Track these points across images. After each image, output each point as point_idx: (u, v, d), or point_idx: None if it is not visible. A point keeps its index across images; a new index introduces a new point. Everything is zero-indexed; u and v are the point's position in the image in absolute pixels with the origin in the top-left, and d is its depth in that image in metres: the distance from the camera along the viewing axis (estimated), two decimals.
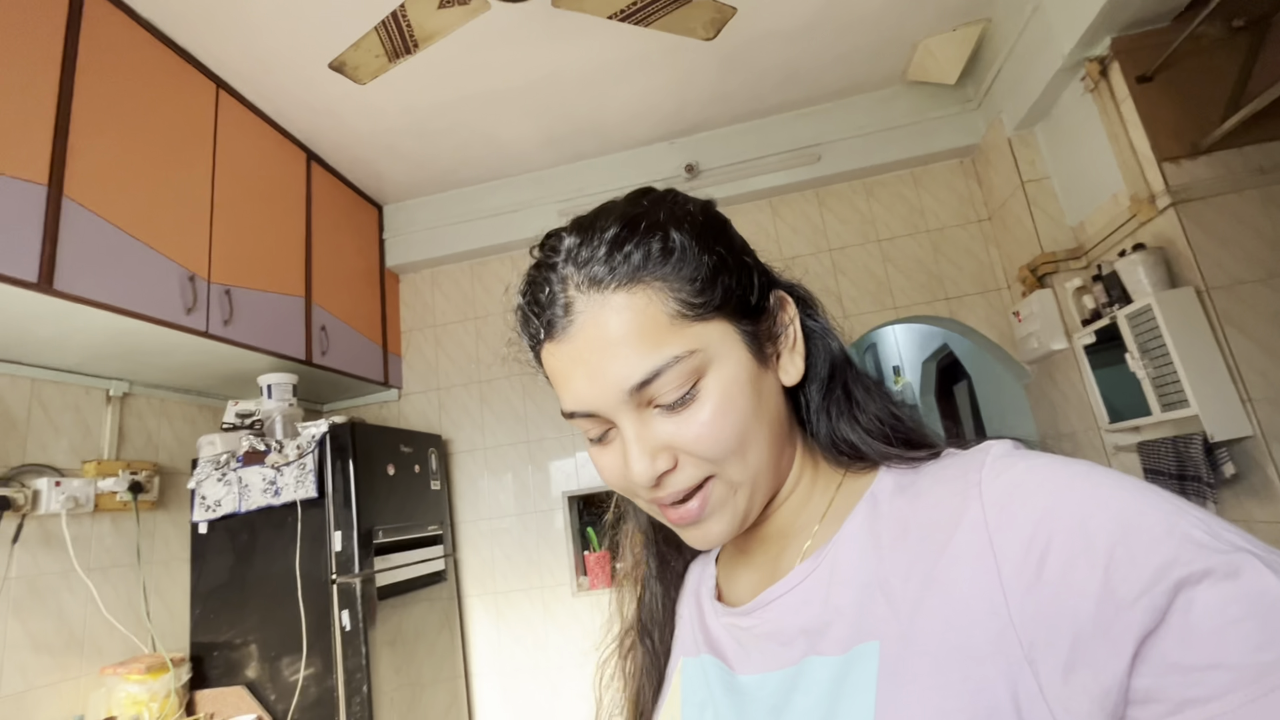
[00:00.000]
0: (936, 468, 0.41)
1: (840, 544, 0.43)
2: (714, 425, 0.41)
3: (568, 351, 0.42)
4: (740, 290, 0.43)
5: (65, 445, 1.80)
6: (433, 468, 2.50)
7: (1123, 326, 1.74)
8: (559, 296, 0.42)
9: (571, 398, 0.43)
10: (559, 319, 0.42)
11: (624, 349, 0.40)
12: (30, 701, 1.60)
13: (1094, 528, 0.31)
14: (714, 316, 0.42)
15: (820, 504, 0.47)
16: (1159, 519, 0.30)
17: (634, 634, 0.59)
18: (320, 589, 1.89)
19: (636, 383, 0.40)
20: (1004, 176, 2.32)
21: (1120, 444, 1.94)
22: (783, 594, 0.44)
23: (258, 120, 2.12)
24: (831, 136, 2.54)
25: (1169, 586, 0.28)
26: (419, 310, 2.88)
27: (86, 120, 1.51)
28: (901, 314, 2.49)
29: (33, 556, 1.66)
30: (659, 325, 0.40)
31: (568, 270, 0.42)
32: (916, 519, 0.39)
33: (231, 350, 1.90)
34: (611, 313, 0.40)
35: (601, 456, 0.45)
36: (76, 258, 1.43)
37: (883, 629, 0.37)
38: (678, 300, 0.41)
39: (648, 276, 0.41)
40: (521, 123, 2.42)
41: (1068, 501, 0.33)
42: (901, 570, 0.38)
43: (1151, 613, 0.28)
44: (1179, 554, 0.29)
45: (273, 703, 1.86)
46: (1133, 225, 1.78)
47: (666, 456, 0.42)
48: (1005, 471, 0.36)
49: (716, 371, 0.41)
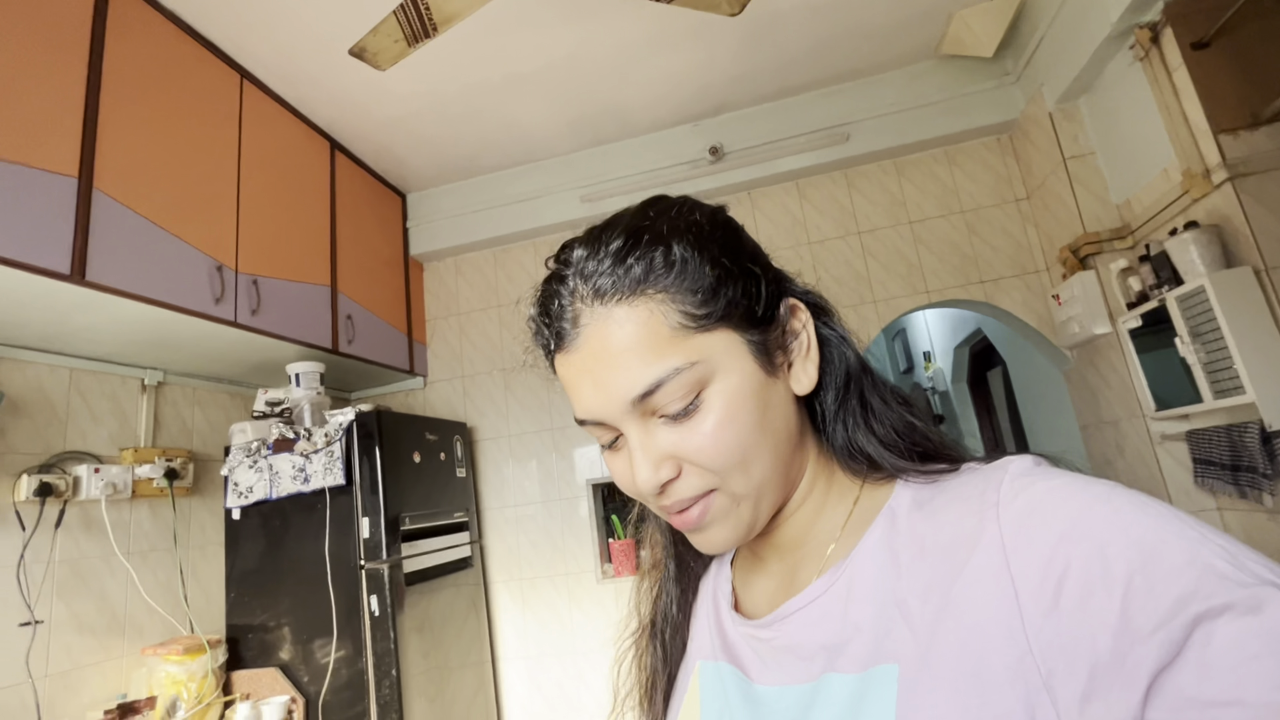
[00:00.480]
0: (955, 484, 0.41)
1: (858, 559, 0.42)
2: (716, 436, 0.41)
3: (575, 362, 0.43)
4: (746, 300, 0.43)
5: (104, 433, 1.85)
6: (458, 455, 2.51)
7: (1173, 309, 1.65)
8: (567, 309, 0.43)
9: (581, 407, 0.44)
10: (567, 331, 0.43)
11: (627, 360, 0.41)
12: (76, 680, 1.66)
13: (1113, 554, 0.30)
14: (718, 327, 0.42)
15: (838, 515, 0.47)
16: (1180, 547, 0.30)
17: (648, 634, 0.59)
18: (349, 574, 1.92)
19: (638, 394, 0.41)
20: (1044, 153, 2.22)
21: (1167, 433, 1.85)
22: (802, 607, 0.44)
23: (281, 110, 2.13)
24: (860, 115, 2.45)
25: (1187, 620, 0.28)
26: (443, 298, 2.89)
27: (114, 113, 1.53)
28: (934, 298, 2.41)
29: (75, 541, 1.71)
30: (661, 337, 0.41)
31: (575, 283, 0.43)
32: (934, 537, 0.39)
33: (260, 339, 1.92)
34: (615, 325, 0.41)
35: (613, 462, 0.46)
36: (107, 249, 1.45)
37: (901, 651, 0.37)
38: (680, 312, 0.41)
39: (650, 289, 0.41)
40: (543, 107, 2.39)
41: (1087, 525, 0.32)
42: (919, 590, 0.38)
43: (1167, 646, 0.28)
44: (1199, 586, 0.28)
45: (305, 684, 1.90)
46: (1184, 202, 1.69)
47: (670, 465, 0.42)
48: (1023, 491, 0.36)
49: (720, 382, 0.42)
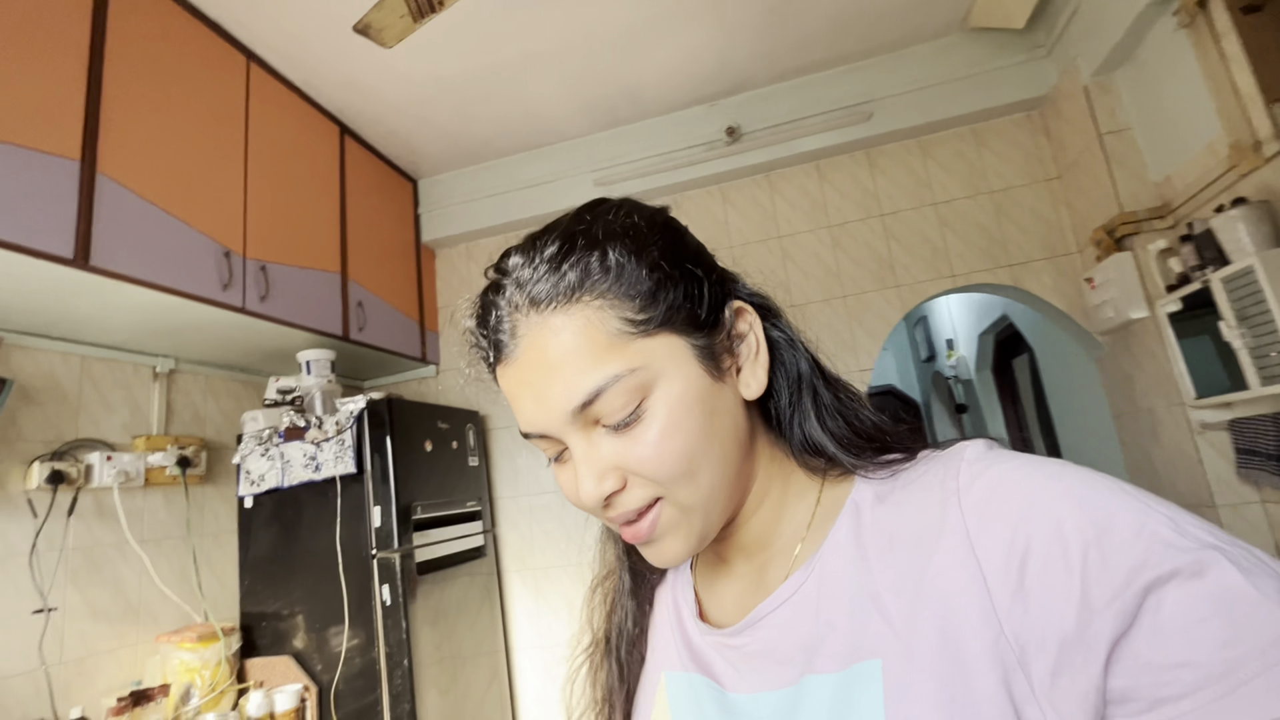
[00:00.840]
0: (913, 474, 0.41)
1: (826, 556, 0.42)
2: (660, 446, 0.40)
3: (514, 374, 0.42)
4: (688, 304, 0.42)
5: (116, 421, 1.84)
6: (470, 444, 2.48)
7: (1217, 291, 1.56)
8: (504, 320, 0.42)
9: (523, 419, 0.43)
10: (505, 342, 0.42)
11: (564, 370, 0.40)
12: (91, 666, 1.66)
13: (1068, 531, 0.32)
14: (660, 332, 0.41)
15: (801, 514, 0.46)
16: (1129, 519, 0.31)
17: (602, 650, 0.57)
18: (361, 564, 1.90)
19: (578, 404, 0.40)
20: (1078, 129, 2.11)
21: (1207, 421, 1.76)
22: (773, 609, 0.44)
23: (289, 93, 2.09)
24: (884, 92, 2.36)
25: (1139, 589, 0.29)
26: (455, 285, 2.85)
27: (117, 95, 1.50)
28: (960, 282, 2.33)
29: (88, 528, 1.71)
30: (598, 344, 0.39)
31: (511, 291, 0.42)
32: (900, 529, 0.39)
33: (270, 326, 1.90)
34: (550, 334, 0.40)
35: (560, 475, 0.45)
36: (112, 234, 1.43)
37: (882, 646, 0.37)
38: (619, 318, 0.40)
39: (586, 295, 0.40)
40: (555, 89, 2.33)
41: (1043, 505, 0.33)
42: (892, 583, 0.38)
43: (1122, 617, 0.29)
44: (1148, 556, 0.30)
45: (318, 673, 1.89)
46: (1232, 177, 1.59)
47: (615, 477, 0.41)
48: (980, 476, 0.36)
49: (663, 389, 0.40)
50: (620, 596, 0.57)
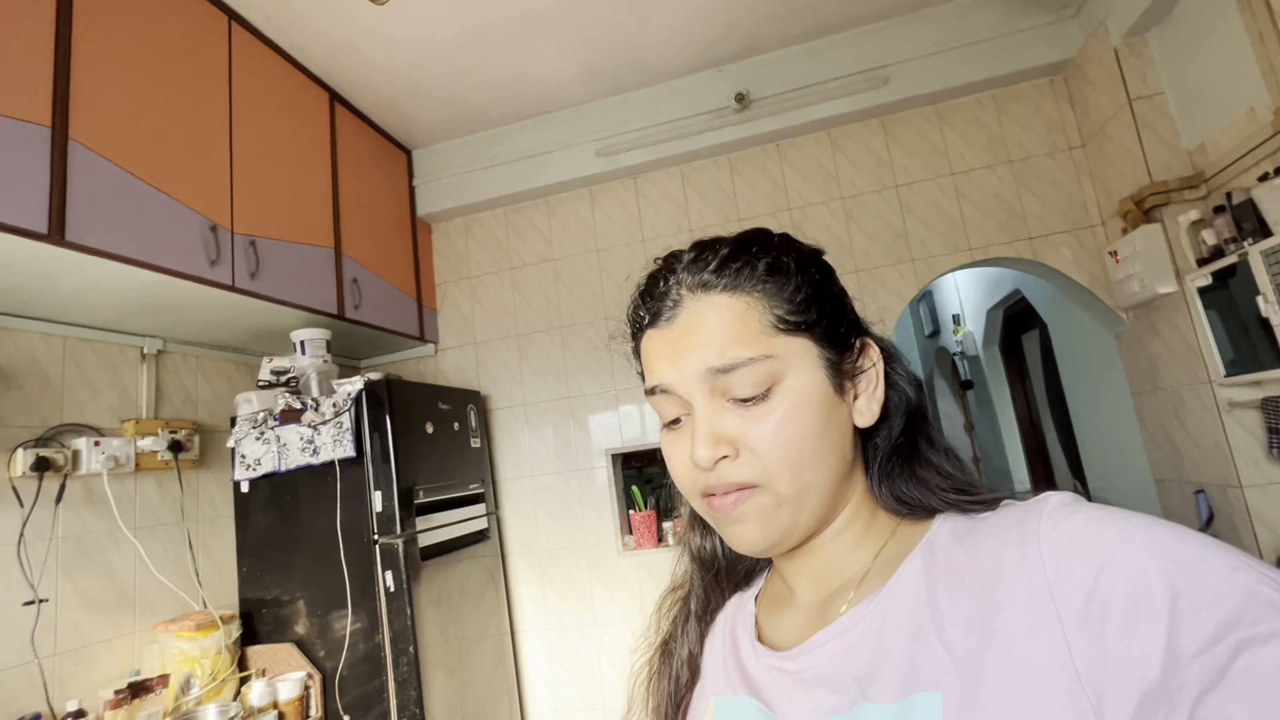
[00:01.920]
0: (994, 518, 0.42)
1: (894, 589, 0.43)
2: (778, 430, 0.43)
3: (665, 336, 0.47)
4: (831, 320, 0.47)
5: (103, 405, 1.77)
6: (472, 425, 2.42)
7: (1256, 264, 1.49)
8: (671, 292, 0.47)
9: (656, 374, 0.47)
10: (665, 310, 0.47)
11: (714, 338, 0.44)
12: (87, 657, 1.61)
13: (1155, 579, 0.31)
14: (801, 334, 0.45)
15: (872, 549, 0.47)
16: (1223, 573, 0.30)
17: (660, 658, 0.59)
18: (363, 549, 1.85)
19: (715, 365, 0.44)
20: (1106, 95, 2.02)
21: (1236, 400, 1.71)
22: (834, 638, 0.44)
23: (275, 56, 1.97)
24: (900, 56, 2.25)
25: (1231, 646, 0.28)
26: (453, 261, 2.76)
27: (88, 54, 1.39)
28: (977, 256, 2.25)
29: (78, 516, 1.65)
30: (750, 329, 0.44)
31: (683, 275, 0.47)
32: (974, 567, 0.39)
33: (261, 305, 1.82)
34: (712, 308, 0.45)
35: (672, 444, 0.48)
36: (88, 206, 1.33)
37: (943, 679, 0.36)
38: (772, 314, 0.45)
39: (749, 286, 0.45)
40: (555, 53, 2.21)
41: (1129, 551, 0.32)
42: (960, 620, 0.38)
43: (1210, 671, 0.28)
44: (1244, 612, 0.29)
45: (321, 660, 1.85)
46: (1275, 143, 1.51)
47: (728, 447, 0.44)
48: (1064, 521, 0.36)
49: (792, 381, 0.44)
50: (687, 612, 0.59)
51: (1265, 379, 1.59)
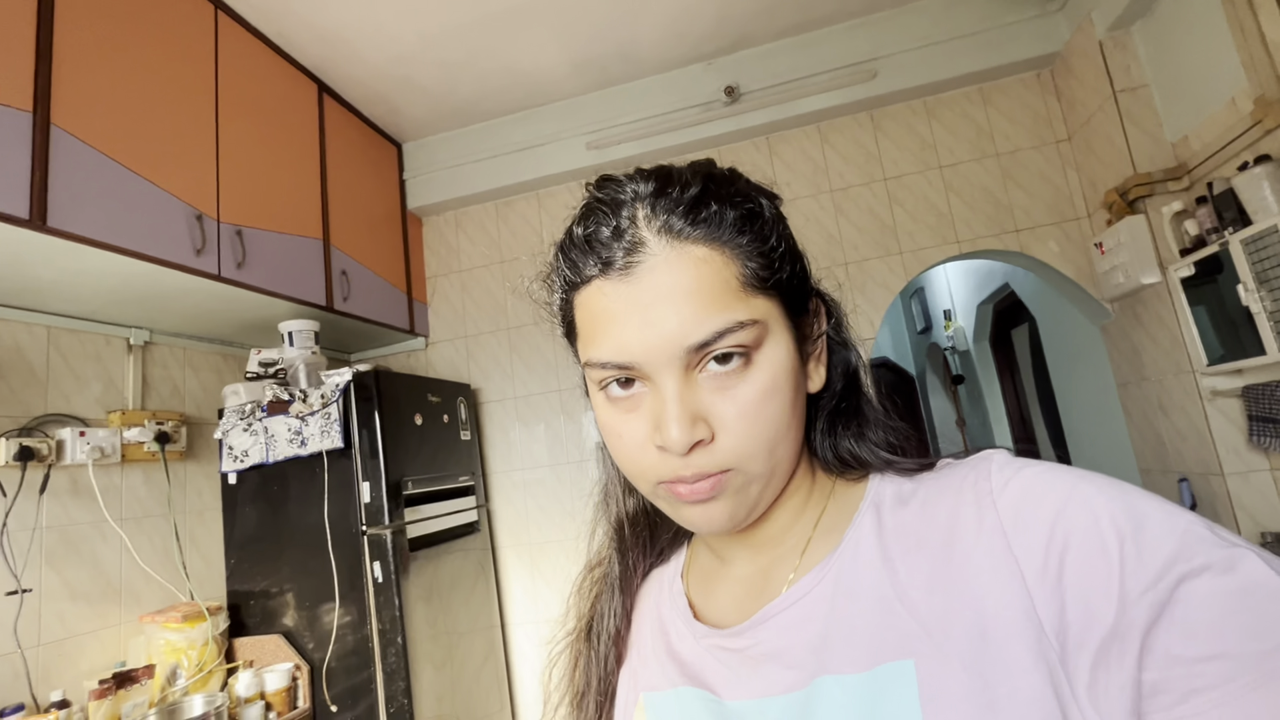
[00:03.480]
0: (936, 478, 0.41)
1: (844, 556, 0.41)
2: (758, 407, 0.39)
3: (625, 293, 0.38)
4: (794, 281, 0.42)
5: (88, 396, 1.75)
6: (462, 417, 2.42)
7: (1237, 253, 1.50)
8: (627, 234, 0.39)
9: (614, 345, 0.39)
10: (619, 256, 0.38)
11: (693, 304, 0.37)
12: (72, 648, 1.60)
13: (1105, 526, 0.32)
14: (773, 295, 0.40)
15: (814, 513, 0.45)
16: (1163, 516, 0.31)
17: (583, 639, 0.55)
18: (351, 540, 1.84)
19: (698, 341, 0.37)
20: (1091, 88, 2.03)
21: (1219, 388, 1.73)
22: (783, 609, 0.42)
23: (262, 46, 1.96)
24: (889, 49, 2.26)
25: (1172, 581, 0.29)
26: (443, 254, 2.75)
27: (71, 39, 1.38)
28: (965, 249, 2.26)
29: (63, 507, 1.64)
30: (730, 288, 0.38)
31: (640, 210, 0.39)
32: (928, 530, 0.38)
33: (249, 295, 1.81)
34: (690, 263, 0.38)
35: (619, 419, 0.41)
36: (71, 192, 1.33)
37: (914, 646, 0.36)
38: (748, 269, 0.39)
39: (728, 237, 0.39)
40: (546, 46, 2.21)
41: (1078, 501, 0.33)
42: (921, 583, 0.37)
43: (1154, 607, 0.29)
44: (1181, 549, 0.30)
45: (310, 651, 1.84)
46: (1255, 134, 1.52)
47: (704, 427, 0.38)
48: (1014, 478, 0.36)
49: (770, 350, 0.39)
50: (608, 588, 0.54)
51: (1246, 367, 1.61)
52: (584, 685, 0.53)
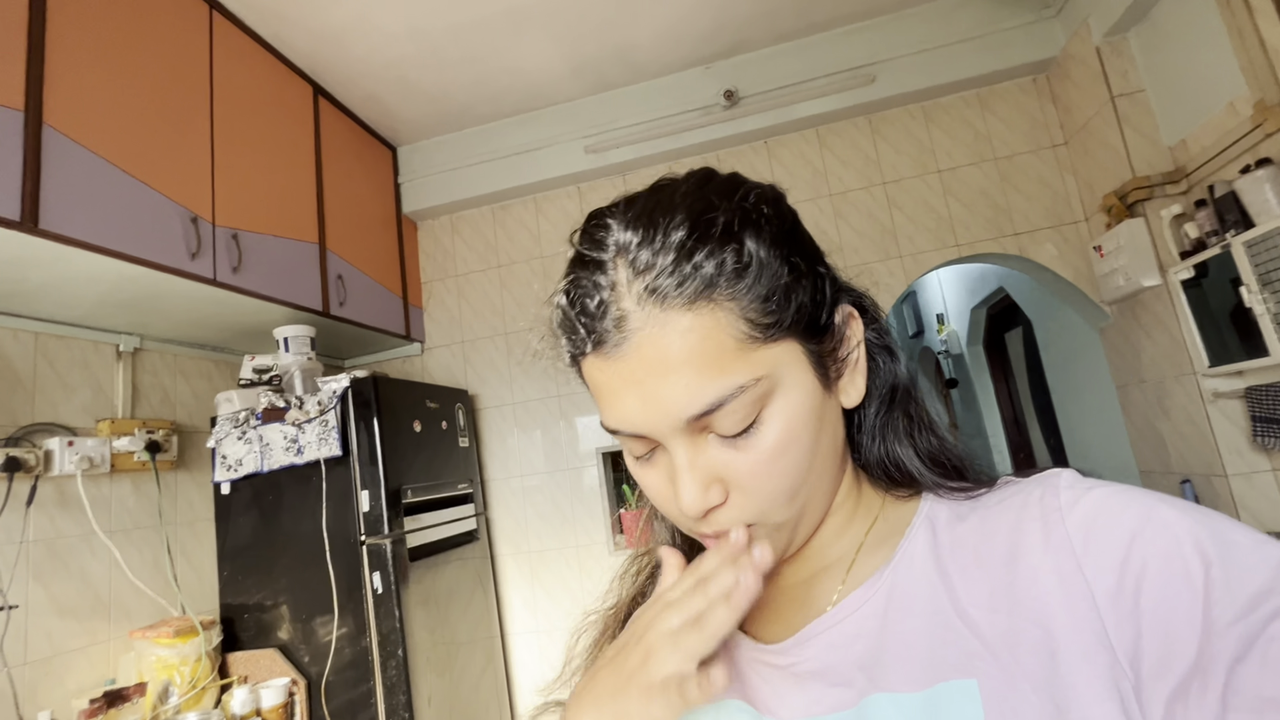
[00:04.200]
0: (997, 496, 0.40)
1: (898, 570, 0.40)
2: (772, 463, 0.37)
3: (618, 370, 0.37)
4: (813, 307, 0.39)
5: (76, 404, 1.70)
6: (460, 424, 2.38)
7: (1239, 255, 1.52)
8: (611, 308, 0.37)
9: (618, 417, 0.39)
10: (610, 334, 0.37)
11: (686, 375, 0.35)
12: (59, 666, 1.55)
13: (1189, 551, 0.30)
14: (784, 338, 0.37)
15: (862, 526, 0.44)
16: (1251, 545, 0.30)
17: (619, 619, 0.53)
18: (350, 550, 1.80)
19: (696, 413, 0.36)
20: (1088, 93, 2.05)
21: (1220, 390, 1.74)
22: (832, 626, 0.40)
23: (257, 47, 1.93)
24: (887, 54, 2.27)
25: (1265, 615, 0.27)
26: (439, 259, 2.72)
27: (63, 38, 1.34)
28: (964, 252, 2.27)
29: (50, 519, 1.58)
30: (725, 350, 0.36)
31: (621, 275, 0.37)
32: (987, 545, 0.37)
33: (243, 300, 1.77)
34: (675, 335, 0.35)
35: (646, 475, 0.42)
36: (63, 194, 1.29)
37: (976, 665, 0.34)
38: (747, 322, 0.36)
39: (719, 294, 0.35)
40: (543, 49, 2.19)
41: (1158, 524, 0.31)
42: (982, 600, 0.35)
43: (1244, 641, 0.27)
44: (1276, 581, 0.28)
45: (306, 665, 1.79)
46: (1255, 137, 1.54)
47: (719, 489, 0.38)
48: (1085, 495, 0.35)
49: (782, 399, 0.37)
50: (652, 577, 0.54)
51: (1248, 368, 1.62)
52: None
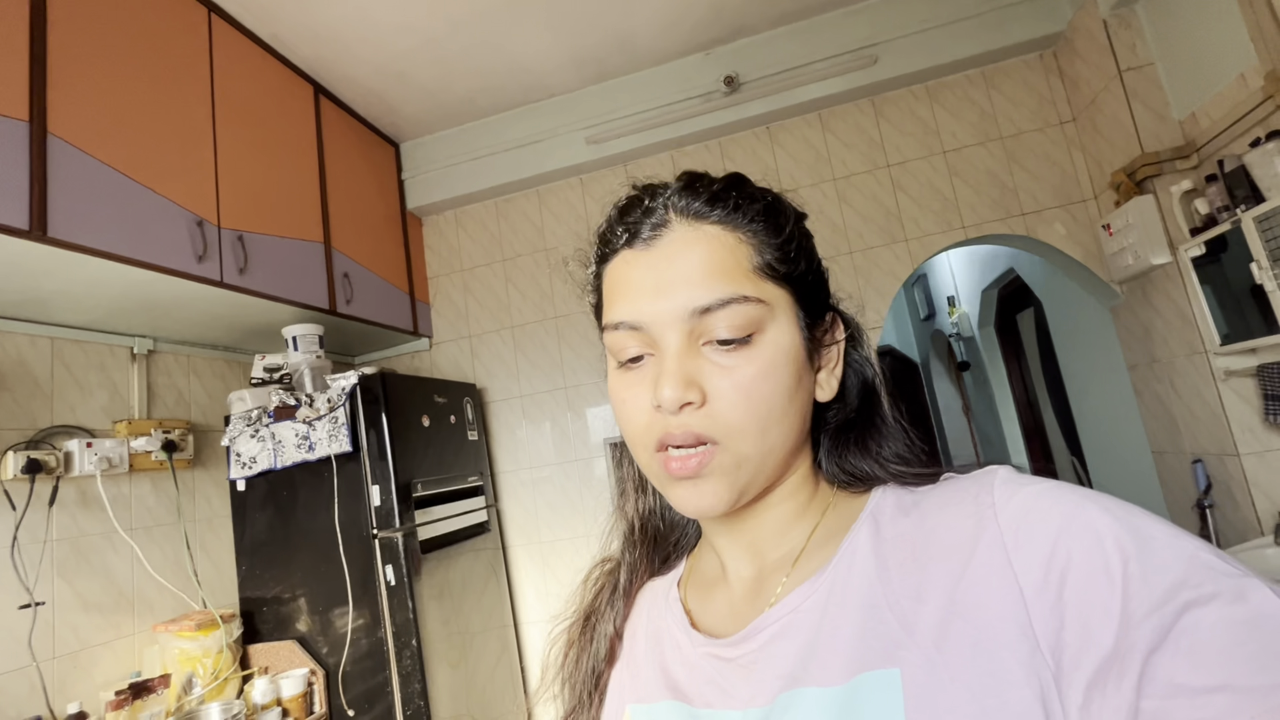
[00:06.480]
0: (938, 491, 0.41)
1: (840, 566, 0.41)
2: (753, 384, 0.40)
3: (644, 259, 0.43)
4: (810, 279, 0.45)
5: (94, 406, 1.74)
6: (469, 417, 2.41)
7: (1250, 231, 1.49)
8: (655, 212, 0.43)
9: (628, 306, 0.43)
10: (645, 230, 0.43)
11: (702, 272, 0.41)
12: (86, 660, 1.60)
13: (1109, 546, 0.31)
14: (786, 286, 0.43)
15: (809, 522, 0.46)
16: (1169, 540, 0.31)
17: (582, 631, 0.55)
18: (363, 544, 1.84)
19: (702, 305, 0.40)
20: (1095, 67, 2.01)
21: (1232, 368, 1.71)
22: (778, 619, 0.42)
23: (256, 48, 1.94)
24: (890, 34, 2.24)
25: (1177, 606, 0.29)
26: (444, 254, 2.74)
27: (64, 47, 1.36)
28: (971, 234, 2.24)
29: (72, 518, 1.63)
30: (740, 267, 0.41)
31: (669, 200, 0.44)
32: (927, 541, 0.38)
33: (251, 301, 1.79)
34: (704, 238, 0.42)
35: (629, 385, 0.44)
36: (71, 202, 1.31)
37: (900, 655, 0.35)
38: (762, 257, 0.42)
39: (744, 224, 0.42)
40: (542, 40, 2.19)
41: (1083, 520, 0.33)
42: (913, 592, 0.37)
43: (1158, 631, 0.29)
44: (1189, 575, 0.29)
45: (324, 656, 1.84)
46: (1266, 109, 1.50)
47: (697, 391, 0.40)
48: (1018, 493, 0.36)
49: (774, 332, 0.42)
50: (610, 586, 0.56)
51: (1260, 346, 1.59)
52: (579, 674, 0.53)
